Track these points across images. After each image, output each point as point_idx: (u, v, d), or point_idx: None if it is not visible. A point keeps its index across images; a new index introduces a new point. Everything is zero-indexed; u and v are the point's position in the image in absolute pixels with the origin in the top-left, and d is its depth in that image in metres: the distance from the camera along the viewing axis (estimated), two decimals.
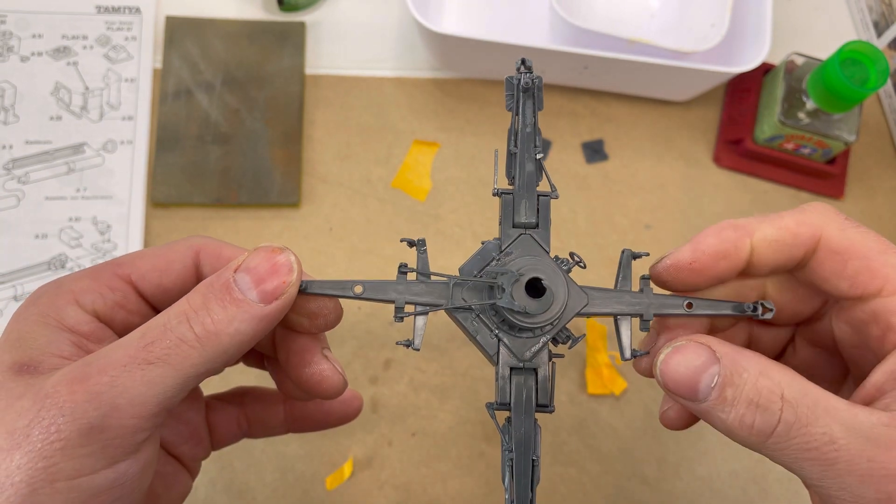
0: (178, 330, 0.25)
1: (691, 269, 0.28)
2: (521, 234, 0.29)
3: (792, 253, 0.28)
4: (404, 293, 0.28)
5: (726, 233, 0.28)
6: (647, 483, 0.51)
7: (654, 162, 0.59)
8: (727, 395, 0.25)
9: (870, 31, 0.62)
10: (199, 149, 0.55)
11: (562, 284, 0.28)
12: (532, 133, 0.30)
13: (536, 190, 0.30)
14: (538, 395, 0.28)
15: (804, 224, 0.28)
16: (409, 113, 0.59)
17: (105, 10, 0.59)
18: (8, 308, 0.51)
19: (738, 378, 0.25)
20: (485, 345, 0.28)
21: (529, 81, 0.30)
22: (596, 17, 0.59)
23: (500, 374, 0.28)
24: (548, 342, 0.28)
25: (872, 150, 0.60)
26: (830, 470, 0.24)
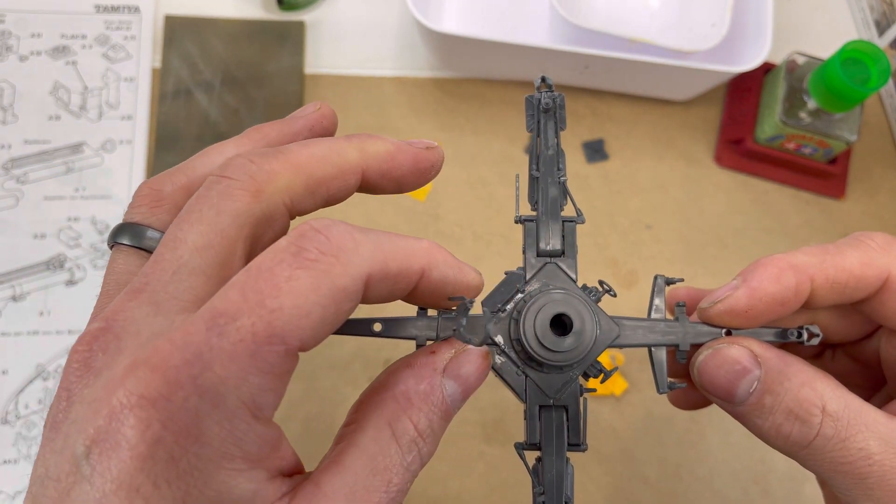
0: (413, 467, 0.22)
1: (746, 316, 0.26)
2: (545, 264, 0.28)
3: (854, 294, 0.27)
4: (424, 330, 0.27)
5: (786, 277, 0.26)
6: (648, 484, 0.51)
7: (655, 162, 0.58)
8: (766, 402, 0.25)
9: (871, 31, 0.62)
10: (198, 148, 0.55)
11: (590, 318, 0.26)
12: (555, 155, 0.28)
13: (561, 215, 0.28)
14: (569, 433, 0.27)
15: (870, 266, 0.26)
16: (409, 112, 0.58)
17: (104, 9, 0.59)
18: (7, 308, 0.51)
19: (778, 386, 0.25)
20: (511, 382, 0.27)
21: (550, 101, 0.28)
22: (596, 17, 0.59)
23: (529, 413, 0.27)
24: (577, 377, 0.27)
25: (874, 150, 0.60)
26: (862, 483, 0.24)
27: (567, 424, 0.27)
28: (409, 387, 0.23)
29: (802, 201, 0.58)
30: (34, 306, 0.51)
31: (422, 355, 0.24)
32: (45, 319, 0.51)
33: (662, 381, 0.28)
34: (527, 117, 0.29)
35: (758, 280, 0.26)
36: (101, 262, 0.53)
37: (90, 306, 0.52)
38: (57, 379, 0.50)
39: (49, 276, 0.52)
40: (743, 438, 0.52)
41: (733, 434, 0.52)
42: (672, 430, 0.52)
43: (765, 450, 0.52)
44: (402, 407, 0.23)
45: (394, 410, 0.22)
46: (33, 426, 0.49)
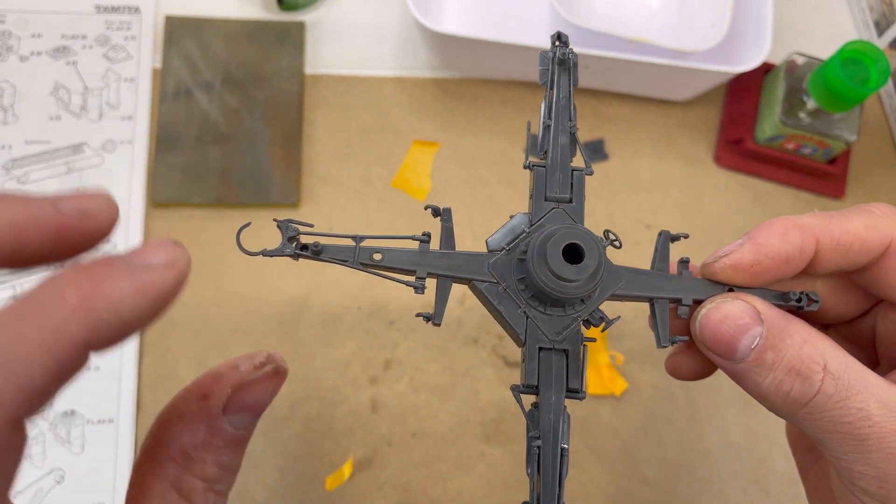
0: (220, 501, 0.22)
1: (751, 272, 0.26)
2: (553, 208, 0.28)
3: (857, 259, 0.27)
4: (426, 263, 0.26)
5: (792, 234, 0.26)
6: (648, 483, 0.51)
7: (655, 161, 0.58)
8: (767, 358, 0.24)
9: (870, 31, 0.62)
10: (198, 149, 0.55)
11: (599, 254, 0.25)
12: (567, 105, 0.28)
13: (570, 165, 0.28)
14: (568, 378, 0.26)
15: (874, 229, 0.26)
16: (409, 113, 0.58)
17: (104, 9, 0.59)
18: None
19: (780, 343, 0.24)
20: (512, 321, 0.26)
21: (565, 53, 0.28)
22: (596, 17, 0.59)
23: (527, 353, 0.26)
24: (580, 322, 0.27)
25: (873, 150, 0.60)
26: (860, 445, 0.24)
27: (567, 369, 0.26)
28: (184, 443, 0.21)
29: (802, 201, 0.58)
30: None
31: (192, 401, 0.22)
32: None
33: (664, 334, 0.27)
34: (540, 71, 0.29)
35: (764, 236, 0.26)
36: None
37: None
38: None
39: None
40: (743, 439, 0.52)
41: (733, 434, 0.52)
42: (672, 430, 0.52)
43: (765, 450, 0.52)
44: (183, 466, 0.21)
45: (175, 472, 0.21)
46: (33, 426, 0.49)
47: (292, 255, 0.25)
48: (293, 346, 0.52)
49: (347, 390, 0.51)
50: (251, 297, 0.53)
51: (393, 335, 0.52)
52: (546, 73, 0.29)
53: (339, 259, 0.26)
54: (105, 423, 0.50)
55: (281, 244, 0.26)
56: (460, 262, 0.27)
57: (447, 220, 0.27)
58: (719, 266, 0.27)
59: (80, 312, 0.17)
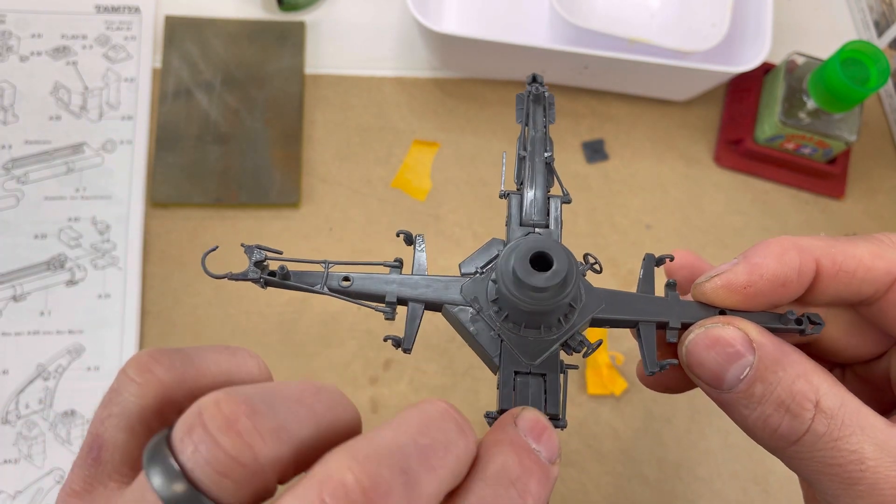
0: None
1: (745, 293, 0.25)
2: (529, 233, 0.26)
3: (861, 288, 0.25)
4: (397, 287, 0.26)
5: (789, 256, 0.24)
6: (648, 484, 0.51)
7: (655, 162, 0.58)
8: (755, 390, 0.23)
9: (870, 31, 0.62)
10: (198, 149, 0.55)
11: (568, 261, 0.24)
12: (543, 137, 0.28)
13: (548, 194, 0.27)
14: (547, 404, 0.24)
15: (880, 258, 0.24)
16: (409, 113, 0.58)
17: (104, 9, 0.59)
18: (7, 308, 0.51)
19: (771, 375, 0.23)
20: (486, 345, 0.25)
21: (539, 89, 0.29)
22: (596, 17, 0.59)
23: (502, 379, 0.25)
24: (559, 346, 0.25)
25: (873, 150, 0.60)
26: (851, 489, 0.22)
27: (545, 396, 0.25)
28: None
29: (802, 201, 0.58)
30: (35, 306, 0.52)
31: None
32: (46, 319, 0.51)
33: (651, 359, 0.26)
34: (517, 111, 0.29)
35: (760, 256, 0.24)
36: (101, 262, 0.53)
37: (91, 306, 0.52)
38: (58, 379, 0.50)
39: (49, 277, 0.52)
40: (743, 439, 0.52)
41: (733, 434, 0.52)
42: (672, 430, 0.52)
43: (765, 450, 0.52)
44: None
45: None
46: (34, 426, 0.49)
47: (258, 279, 0.25)
48: (293, 346, 0.52)
49: (347, 390, 0.51)
50: (251, 297, 0.53)
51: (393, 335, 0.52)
52: (521, 113, 0.29)
53: (307, 284, 0.25)
54: None
55: (247, 268, 0.25)
56: (432, 285, 0.26)
57: (420, 249, 0.27)
58: (710, 287, 0.25)
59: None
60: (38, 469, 0.49)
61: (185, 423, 0.17)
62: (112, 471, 0.19)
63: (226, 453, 0.17)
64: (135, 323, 0.52)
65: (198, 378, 0.20)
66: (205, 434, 0.17)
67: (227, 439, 0.17)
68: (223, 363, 0.21)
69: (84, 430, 0.50)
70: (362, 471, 0.17)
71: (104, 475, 0.19)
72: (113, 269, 0.53)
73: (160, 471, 0.17)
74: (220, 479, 0.17)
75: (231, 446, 0.17)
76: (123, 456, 0.20)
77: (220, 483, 0.17)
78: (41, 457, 0.49)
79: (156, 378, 0.19)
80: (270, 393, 0.18)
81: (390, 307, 0.26)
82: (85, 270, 0.52)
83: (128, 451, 0.20)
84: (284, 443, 0.18)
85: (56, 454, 0.49)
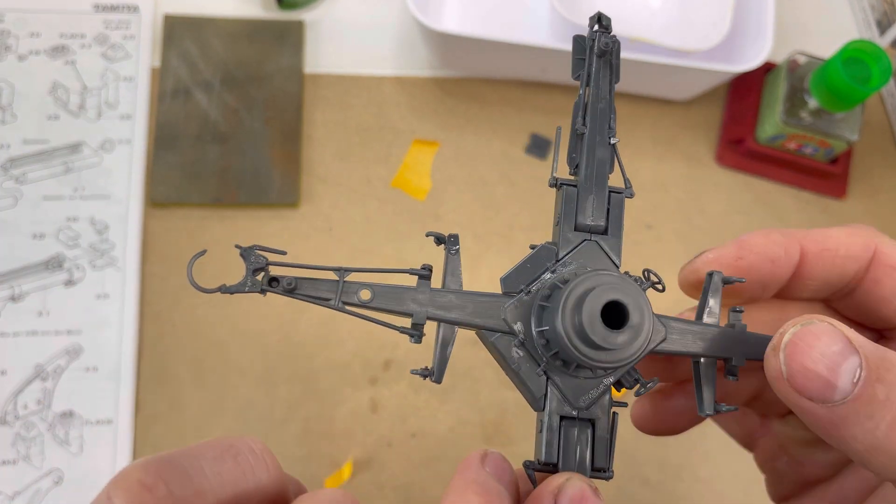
0: None
1: (737, 266, 0.24)
2: (584, 241, 0.23)
3: (844, 268, 0.24)
4: (427, 305, 0.22)
5: (775, 236, 0.24)
6: (649, 485, 0.51)
7: (656, 161, 0.58)
8: (877, 393, 0.19)
9: (872, 30, 0.61)
10: (197, 148, 0.55)
11: (648, 311, 0.21)
12: (607, 110, 0.23)
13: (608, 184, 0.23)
14: (594, 454, 0.22)
15: (856, 236, 0.24)
16: (409, 112, 0.58)
17: (103, 8, 0.58)
18: (6, 308, 0.51)
19: (887, 373, 0.19)
20: (529, 382, 0.22)
21: (608, 43, 0.23)
22: None
23: (545, 425, 0.21)
24: (610, 385, 0.22)
25: (875, 150, 0.60)
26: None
27: (592, 444, 0.22)
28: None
29: (803, 201, 0.58)
30: (33, 306, 0.51)
31: None
32: (44, 320, 0.51)
33: (709, 399, 0.22)
34: (573, 61, 0.24)
35: (747, 236, 0.25)
36: (99, 262, 0.53)
37: (89, 306, 0.52)
38: (56, 379, 0.50)
39: (48, 277, 0.52)
40: None
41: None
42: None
43: None
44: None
45: None
46: (32, 427, 0.49)
47: (258, 291, 0.21)
48: (293, 346, 0.52)
49: (347, 391, 0.51)
50: (250, 297, 0.53)
51: (393, 335, 0.52)
52: (581, 65, 0.24)
53: (319, 298, 0.21)
54: (103, 423, 0.50)
55: (244, 278, 0.21)
56: (468, 304, 0.22)
57: (453, 250, 0.23)
58: (702, 261, 0.24)
59: None
60: (37, 470, 0.49)
61: None
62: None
63: None
64: (133, 323, 0.52)
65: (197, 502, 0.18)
66: None
67: None
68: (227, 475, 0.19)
69: (83, 430, 0.50)
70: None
71: None
72: (111, 269, 0.52)
73: None
74: None
75: None
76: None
77: None
78: (39, 458, 0.49)
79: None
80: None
81: (417, 330, 0.22)
82: (83, 270, 0.52)
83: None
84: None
85: (54, 455, 0.49)
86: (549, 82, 0.59)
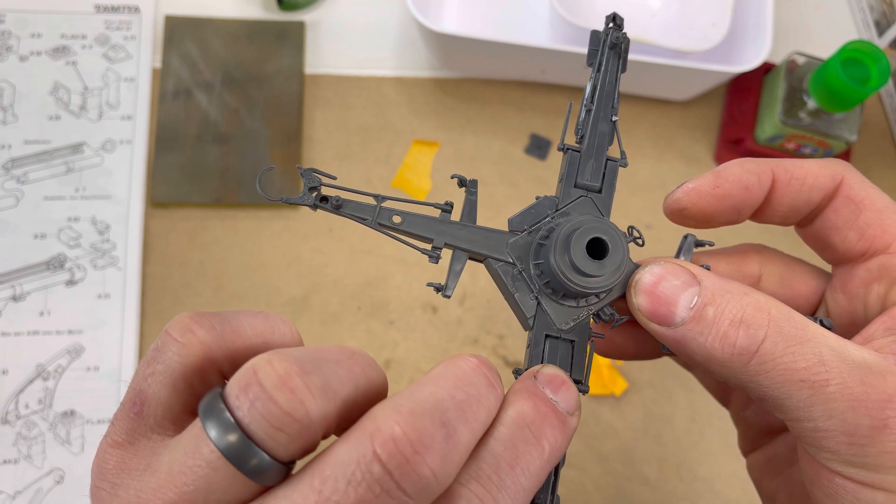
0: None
1: (714, 194, 0.26)
2: (581, 196, 0.27)
3: (811, 195, 0.27)
4: (446, 233, 0.26)
5: (748, 164, 0.26)
6: (648, 484, 0.51)
7: (655, 161, 0.58)
8: (707, 314, 0.23)
9: (871, 31, 0.62)
10: (198, 148, 0.55)
11: (623, 252, 0.25)
12: (612, 91, 0.28)
13: (606, 154, 0.28)
14: (573, 368, 0.26)
15: (825, 167, 0.26)
16: (409, 112, 0.58)
17: (104, 9, 0.59)
18: (7, 308, 0.51)
19: (719, 297, 0.23)
20: (523, 305, 0.26)
21: (619, 38, 0.28)
22: (596, 17, 0.59)
23: (533, 339, 0.26)
24: (590, 315, 0.26)
25: (874, 150, 0.60)
26: (820, 393, 0.22)
27: (572, 361, 0.26)
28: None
29: None
30: (34, 306, 0.51)
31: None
32: (46, 319, 0.51)
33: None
34: (589, 51, 0.28)
35: (724, 166, 0.27)
36: (100, 262, 0.53)
37: (90, 306, 0.52)
38: (57, 379, 0.50)
39: (49, 276, 0.52)
40: None
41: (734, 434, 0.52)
42: (672, 430, 0.52)
43: None
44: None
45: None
46: (33, 426, 0.49)
47: (312, 205, 0.25)
48: None
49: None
50: (251, 297, 0.53)
51: (393, 335, 0.52)
52: (595, 55, 0.28)
53: (359, 216, 0.25)
54: (105, 423, 0.50)
55: (302, 193, 0.25)
56: (480, 237, 0.26)
57: (472, 193, 0.27)
58: (682, 190, 0.27)
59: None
60: (38, 469, 0.49)
61: (240, 381, 0.19)
62: (155, 424, 0.21)
63: (281, 409, 0.18)
64: (134, 323, 0.52)
65: (236, 340, 0.21)
66: (261, 391, 0.18)
67: (283, 396, 0.18)
68: (258, 326, 0.22)
69: (84, 430, 0.50)
70: (408, 424, 0.18)
71: (146, 428, 0.21)
72: (112, 269, 0.53)
73: (216, 423, 0.18)
74: (276, 433, 0.18)
75: (286, 402, 0.18)
76: (166, 411, 0.21)
77: (275, 436, 0.18)
78: (41, 457, 0.49)
79: (197, 339, 0.21)
80: (314, 355, 0.20)
81: (436, 252, 0.26)
82: (84, 270, 0.52)
83: (170, 407, 0.21)
84: (331, 400, 0.19)
85: (56, 454, 0.49)
86: (548, 83, 0.59)
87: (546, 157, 0.58)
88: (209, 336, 0.21)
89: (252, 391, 0.18)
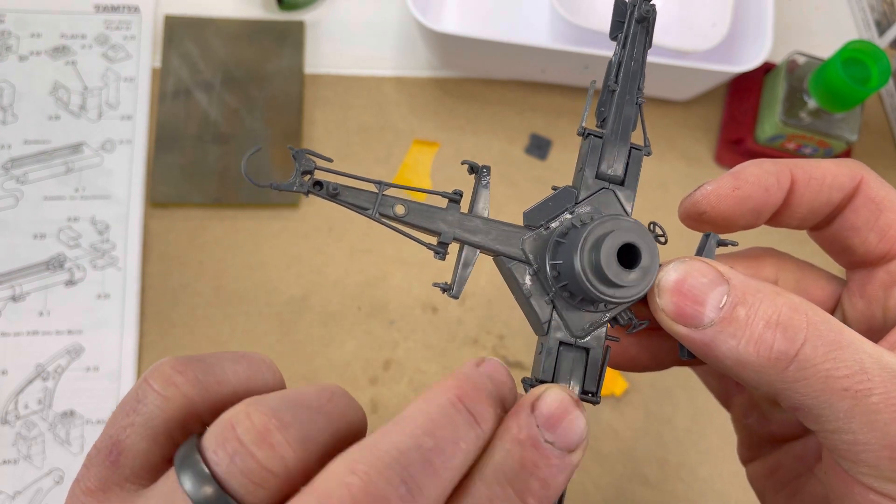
0: None
1: (734, 196, 0.25)
2: (602, 188, 0.24)
3: (831, 195, 0.25)
4: (454, 226, 0.23)
5: (767, 165, 0.25)
6: (649, 484, 0.51)
7: (656, 161, 0.58)
8: (739, 314, 0.21)
9: (871, 31, 0.62)
10: (198, 148, 0.55)
11: (655, 256, 0.23)
12: (638, 71, 0.25)
13: (630, 141, 0.25)
14: (586, 379, 0.24)
15: (844, 166, 0.25)
16: (409, 112, 0.58)
17: (104, 9, 0.58)
18: (7, 308, 0.51)
19: (751, 297, 0.21)
20: (536, 308, 0.24)
21: (648, 10, 0.25)
22: (596, 16, 0.59)
23: (546, 347, 0.23)
24: (608, 319, 0.24)
25: (874, 150, 0.60)
26: (863, 403, 0.20)
27: (585, 370, 0.24)
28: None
29: None
30: (34, 306, 0.51)
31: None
32: (45, 319, 0.51)
33: None
34: (612, 22, 0.25)
35: (740, 167, 0.25)
36: (100, 262, 0.53)
37: (90, 306, 0.52)
38: (57, 379, 0.50)
39: (49, 277, 0.52)
40: None
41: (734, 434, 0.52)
42: (672, 431, 0.52)
43: None
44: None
45: None
46: (33, 426, 0.49)
47: (305, 191, 0.22)
48: (293, 346, 0.52)
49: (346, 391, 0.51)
50: (250, 297, 0.53)
51: (393, 335, 0.52)
52: (619, 27, 0.25)
53: (358, 206, 0.23)
54: (104, 423, 0.50)
55: (292, 177, 0.22)
56: (492, 231, 0.24)
57: (484, 179, 0.25)
58: (700, 192, 0.25)
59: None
60: (38, 469, 0.49)
61: (217, 435, 0.18)
62: (130, 474, 0.20)
63: (260, 465, 0.18)
64: (134, 323, 0.52)
65: (219, 389, 0.21)
66: (240, 446, 0.18)
67: (262, 452, 0.18)
68: (242, 373, 0.22)
69: (83, 430, 0.50)
70: (360, 485, 0.17)
71: (121, 477, 0.20)
72: (112, 269, 0.53)
73: (191, 475, 0.18)
74: (255, 489, 0.18)
75: (265, 458, 0.18)
76: (144, 462, 0.20)
77: (254, 492, 0.18)
78: (40, 457, 0.49)
79: (180, 392, 0.20)
80: (293, 403, 0.19)
81: (442, 247, 0.24)
82: (84, 270, 0.52)
83: (148, 459, 0.20)
84: (311, 451, 0.19)
85: (55, 454, 0.49)
86: (548, 83, 0.59)
87: (546, 157, 0.58)
88: (192, 388, 0.20)
89: (230, 446, 0.18)
